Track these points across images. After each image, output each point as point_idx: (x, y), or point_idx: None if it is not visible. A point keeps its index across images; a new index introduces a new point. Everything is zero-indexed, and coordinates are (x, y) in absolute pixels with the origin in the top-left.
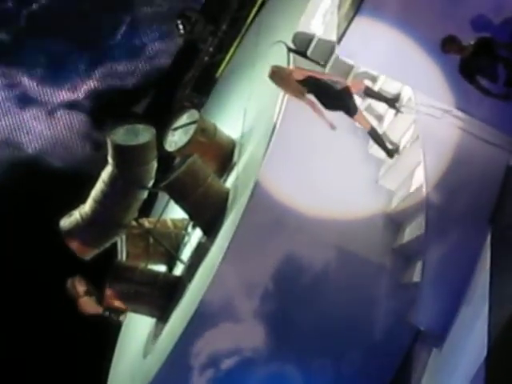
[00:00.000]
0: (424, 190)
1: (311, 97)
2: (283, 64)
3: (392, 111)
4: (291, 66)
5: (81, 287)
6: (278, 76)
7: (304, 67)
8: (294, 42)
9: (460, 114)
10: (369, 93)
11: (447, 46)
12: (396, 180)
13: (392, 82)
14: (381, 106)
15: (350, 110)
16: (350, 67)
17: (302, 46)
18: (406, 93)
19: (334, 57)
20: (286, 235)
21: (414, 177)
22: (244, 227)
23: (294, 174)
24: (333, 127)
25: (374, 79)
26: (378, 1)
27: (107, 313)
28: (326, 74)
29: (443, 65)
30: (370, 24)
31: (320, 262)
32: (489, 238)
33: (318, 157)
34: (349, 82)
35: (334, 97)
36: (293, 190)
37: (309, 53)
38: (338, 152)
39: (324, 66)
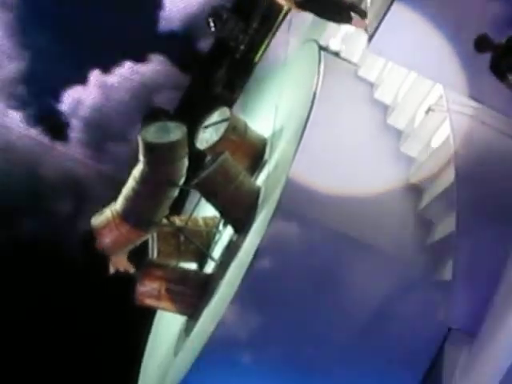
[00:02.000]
0: (455, 188)
1: None
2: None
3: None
4: None
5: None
6: None
7: None
8: None
9: (491, 112)
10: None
11: (481, 44)
12: (427, 178)
13: None
14: (411, 106)
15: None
16: None
17: None
18: (438, 90)
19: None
20: (316, 232)
21: (445, 175)
22: (275, 224)
23: (324, 171)
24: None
25: None
26: None
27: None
28: None
29: (474, 62)
30: (401, 21)
31: (350, 259)
32: None
33: (347, 155)
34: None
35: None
36: (323, 188)
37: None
38: (368, 148)
39: (355, 65)
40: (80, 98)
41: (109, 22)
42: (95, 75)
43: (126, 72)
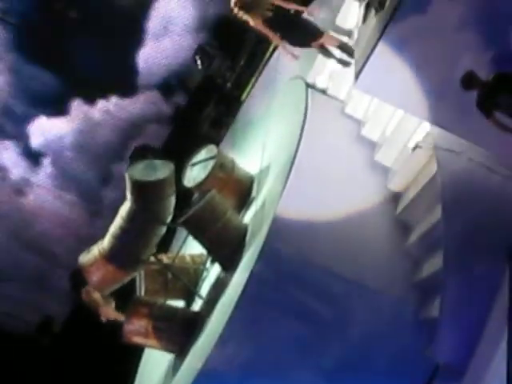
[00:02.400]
0: (442, 224)
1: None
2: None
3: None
4: None
5: (96, 294)
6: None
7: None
8: None
9: (478, 149)
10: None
11: (468, 82)
12: (415, 215)
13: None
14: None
15: (315, 33)
16: None
17: None
18: (424, 128)
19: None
20: (302, 268)
21: (433, 212)
22: (262, 262)
23: (311, 208)
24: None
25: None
26: (397, 36)
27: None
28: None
29: (461, 100)
30: (387, 59)
31: (340, 295)
32: (507, 273)
33: (334, 192)
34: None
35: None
36: (310, 224)
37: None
38: (356, 184)
39: (342, 102)
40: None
41: (96, 57)
42: (79, 109)
43: (112, 108)
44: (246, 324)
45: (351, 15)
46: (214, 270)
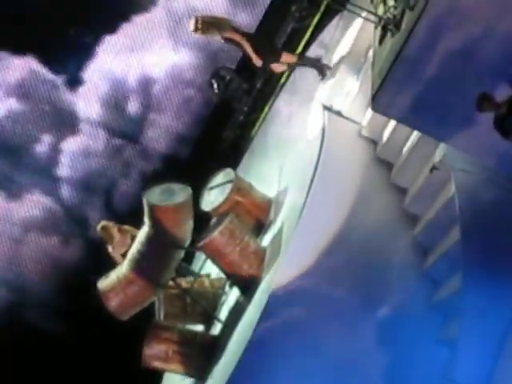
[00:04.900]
0: (460, 246)
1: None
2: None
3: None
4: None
5: (114, 229)
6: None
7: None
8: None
9: (495, 169)
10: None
11: (483, 104)
12: (434, 236)
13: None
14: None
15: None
16: None
17: None
18: (441, 148)
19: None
20: (321, 292)
21: (451, 233)
22: (281, 284)
23: (328, 230)
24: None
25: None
26: (413, 58)
27: None
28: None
29: (477, 121)
30: (403, 80)
31: (355, 319)
32: None
33: (351, 213)
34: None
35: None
36: (328, 248)
37: (344, 111)
38: (373, 206)
39: (358, 123)
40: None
41: None
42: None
43: None
44: (264, 347)
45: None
46: (232, 294)
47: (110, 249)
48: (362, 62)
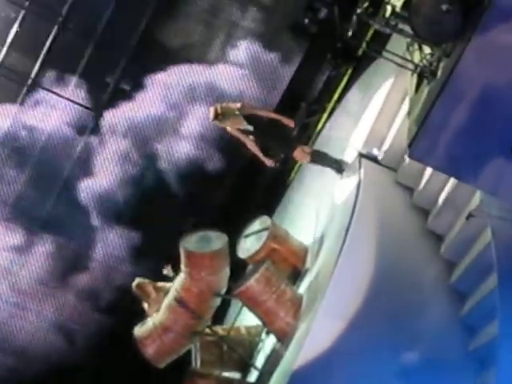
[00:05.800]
0: (497, 293)
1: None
2: (356, 170)
3: (462, 218)
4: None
5: (149, 287)
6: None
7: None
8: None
9: None
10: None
11: None
12: (470, 283)
13: None
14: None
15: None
16: None
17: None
18: (478, 195)
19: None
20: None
21: (488, 281)
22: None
23: (365, 278)
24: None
25: None
26: (450, 105)
27: None
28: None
29: None
30: (440, 127)
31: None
32: None
33: (388, 262)
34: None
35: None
36: (365, 297)
37: (380, 158)
38: (409, 253)
39: (395, 171)
40: None
41: None
42: None
43: None
44: None
45: None
46: (269, 341)
47: (145, 306)
48: (397, 110)
